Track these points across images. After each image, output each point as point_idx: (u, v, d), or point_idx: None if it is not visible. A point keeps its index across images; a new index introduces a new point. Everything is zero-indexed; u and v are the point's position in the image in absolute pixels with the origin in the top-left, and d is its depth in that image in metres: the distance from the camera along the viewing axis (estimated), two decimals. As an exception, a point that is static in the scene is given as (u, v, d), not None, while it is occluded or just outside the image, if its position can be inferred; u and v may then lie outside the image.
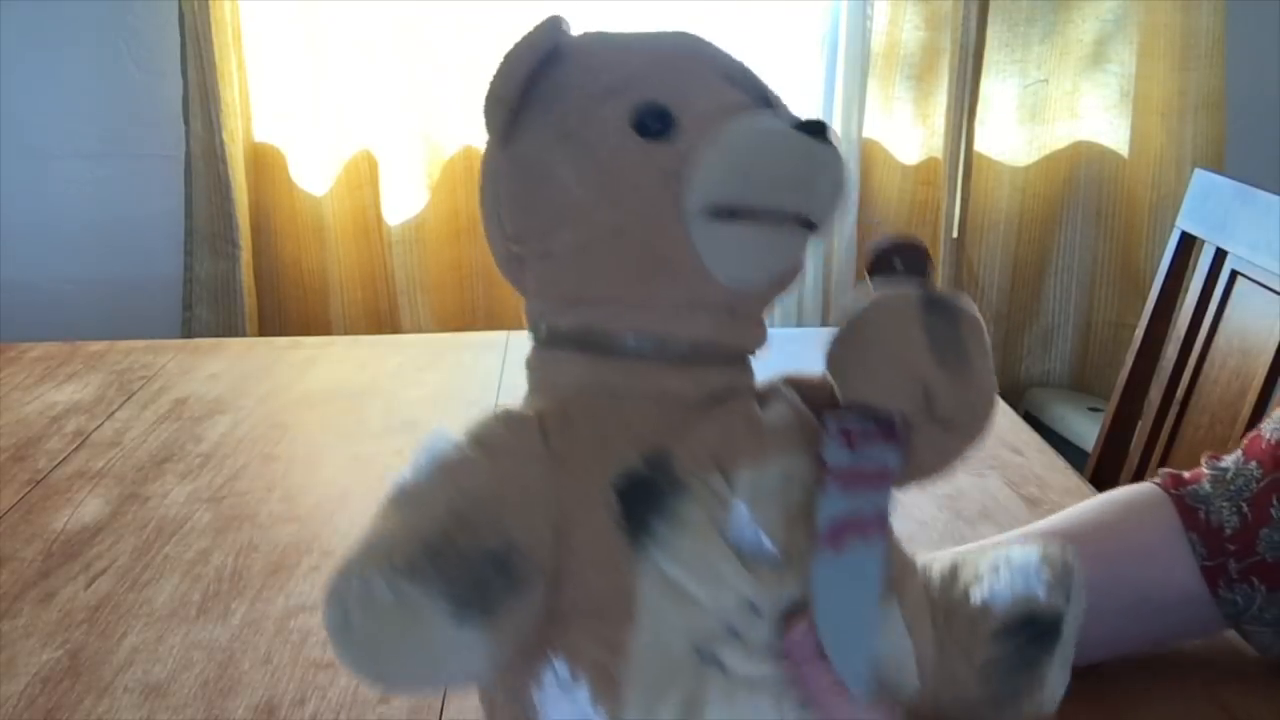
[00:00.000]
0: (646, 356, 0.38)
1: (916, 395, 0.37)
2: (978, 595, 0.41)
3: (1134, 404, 1.12)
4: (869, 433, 0.37)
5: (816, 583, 0.35)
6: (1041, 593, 0.40)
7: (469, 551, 0.33)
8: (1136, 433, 1.10)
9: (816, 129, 0.35)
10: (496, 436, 0.37)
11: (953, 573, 0.43)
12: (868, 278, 0.41)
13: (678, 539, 0.35)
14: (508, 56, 0.37)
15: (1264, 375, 0.92)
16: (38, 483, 0.83)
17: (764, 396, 0.40)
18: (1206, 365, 1.02)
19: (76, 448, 0.89)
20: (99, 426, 0.93)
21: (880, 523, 0.37)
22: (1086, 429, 1.73)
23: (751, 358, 0.40)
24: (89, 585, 0.68)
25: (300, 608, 0.66)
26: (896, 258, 0.40)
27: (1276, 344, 0.92)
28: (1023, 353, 1.97)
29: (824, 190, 0.36)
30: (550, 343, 0.40)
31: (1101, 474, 1.15)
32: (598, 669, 0.35)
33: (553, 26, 0.38)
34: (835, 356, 0.39)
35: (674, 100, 0.37)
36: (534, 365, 0.41)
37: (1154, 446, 1.07)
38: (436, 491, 0.35)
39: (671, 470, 0.36)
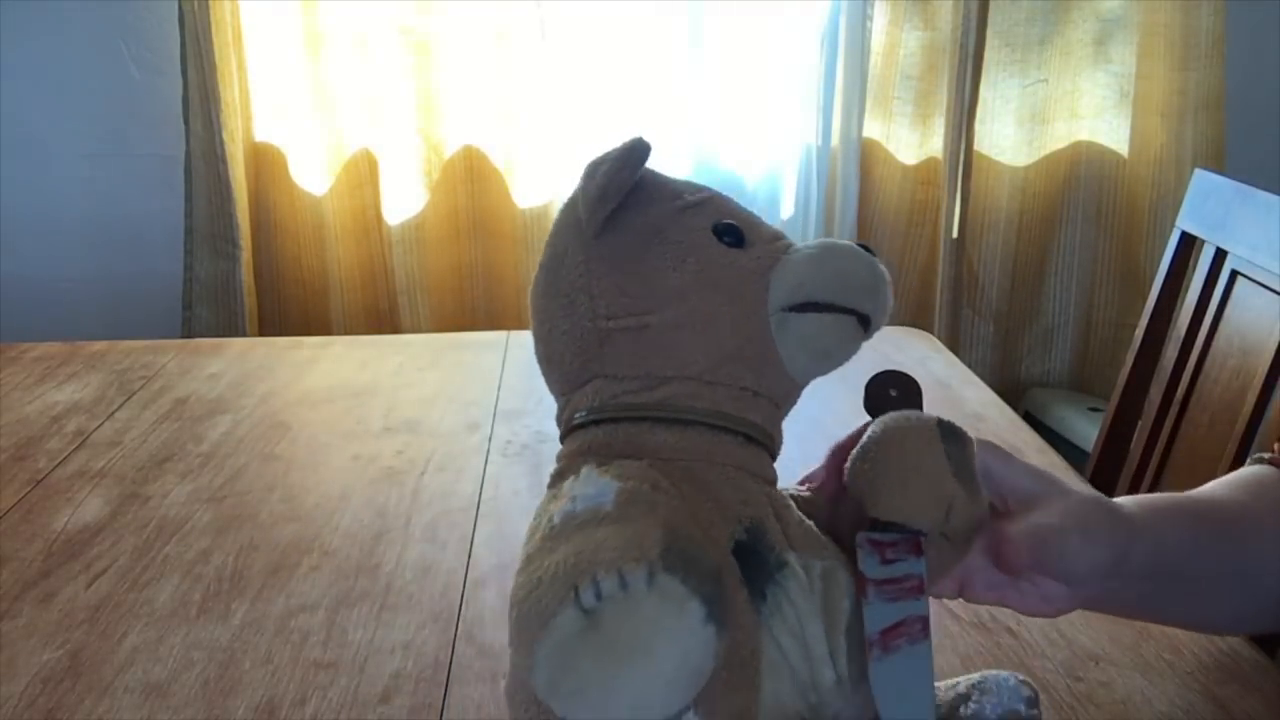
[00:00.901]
0: (720, 433, 0.42)
1: (941, 512, 0.42)
2: (965, 711, 0.46)
3: (1134, 404, 1.12)
4: (898, 546, 0.42)
5: (876, 685, 0.39)
6: (1023, 708, 0.47)
7: (702, 559, 0.33)
8: (1136, 433, 1.10)
9: (870, 249, 0.44)
10: (652, 479, 0.38)
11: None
12: (865, 406, 0.47)
13: (785, 609, 0.39)
14: (609, 167, 0.42)
15: (1264, 375, 0.92)
16: (38, 483, 0.83)
17: None
18: (1206, 365, 1.02)
19: (76, 448, 0.89)
20: (99, 426, 0.93)
21: (924, 626, 0.40)
22: (1086, 429, 1.73)
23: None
24: (89, 585, 0.68)
25: (300, 608, 0.66)
26: (891, 388, 0.47)
27: (1276, 344, 0.92)
28: (1023, 353, 1.97)
29: (883, 298, 0.44)
30: (619, 419, 0.43)
31: (1101, 474, 1.15)
32: None
33: (645, 150, 0.43)
34: (862, 474, 0.43)
35: (741, 222, 0.44)
36: (605, 436, 0.43)
37: (1154, 446, 1.07)
38: (634, 512, 0.35)
39: (769, 542, 0.40)
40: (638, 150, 0.42)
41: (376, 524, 0.77)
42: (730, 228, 0.44)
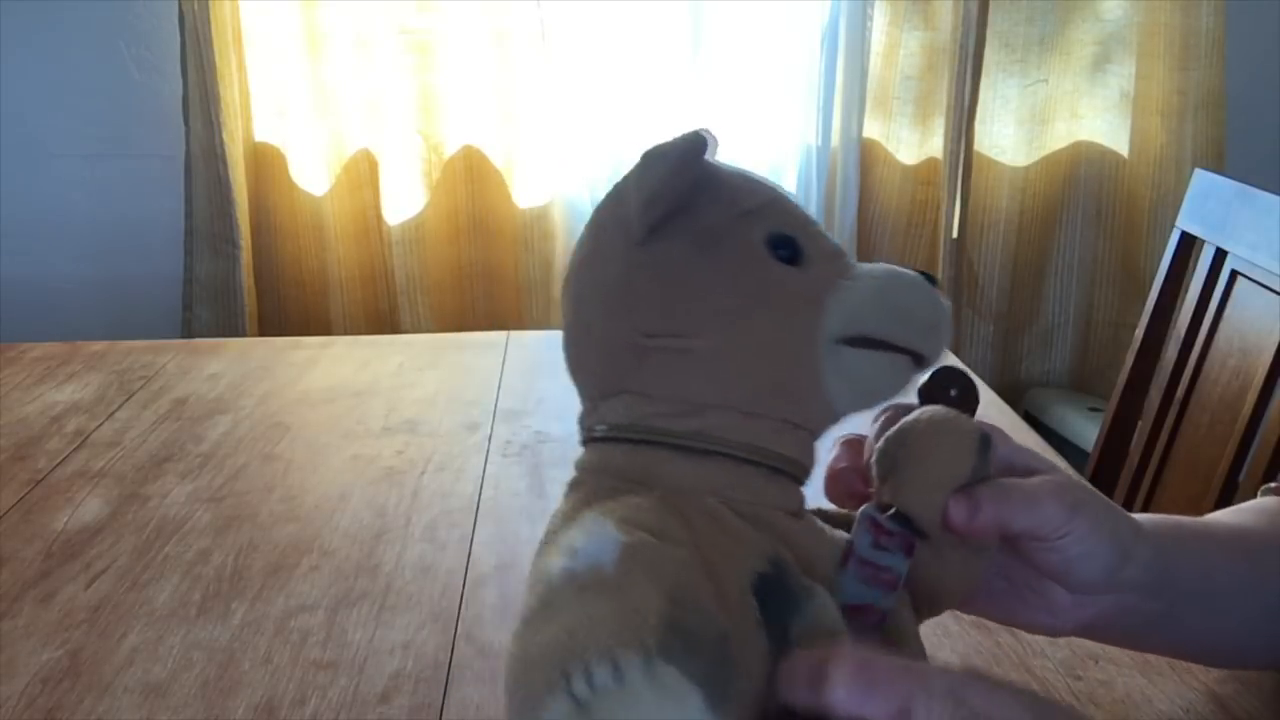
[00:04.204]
0: (745, 465, 0.39)
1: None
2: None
3: (1134, 404, 1.12)
4: (894, 537, 0.41)
5: None
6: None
7: (704, 634, 0.31)
8: (1136, 433, 1.10)
9: (934, 280, 0.41)
10: (660, 524, 0.35)
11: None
12: (919, 397, 0.46)
13: (810, 643, 0.37)
14: (665, 167, 0.38)
15: (1264, 375, 0.92)
16: (38, 483, 0.83)
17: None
18: (1206, 365, 1.02)
19: (76, 448, 0.89)
20: (99, 426, 0.93)
21: (882, 619, 0.40)
22: (1086, 429, 1.73)
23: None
24: (89, 585, 0.68)
25: (300, 608, 0.66)
26: (952, 387, 0.46)
27: (1276, 344, 0.92)
28: (1023, 353, 1.97)
29: (943, 335, 0.41)
30: (640, 442, 0.40)
31: (1101, 474, 1.15)
32: None
33: (704, 148, 0.39)
34: (890, 457, 0.42)
35: (798, 234, 0.41)
36: (623, 458, 0.40)
37: (1154, 446, 1.07)
38: (636, 575, 0.32)
39: (791, 575, 0.38)
40: (697, 149, 0.39)
41: (376, 524, 0.77)
42: (786, 240, 0.40)
